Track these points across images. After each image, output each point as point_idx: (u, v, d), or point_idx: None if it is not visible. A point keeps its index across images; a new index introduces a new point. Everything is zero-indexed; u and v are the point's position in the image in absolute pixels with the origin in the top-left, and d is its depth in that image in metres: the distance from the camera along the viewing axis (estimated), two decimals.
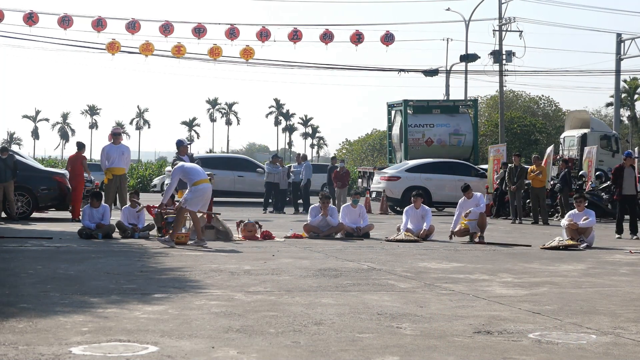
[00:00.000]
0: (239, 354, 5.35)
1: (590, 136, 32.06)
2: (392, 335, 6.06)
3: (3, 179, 18.33)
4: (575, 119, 34.91)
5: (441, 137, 31.98)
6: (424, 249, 13.28)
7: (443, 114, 32.88)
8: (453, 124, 32.44)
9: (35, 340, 5.58)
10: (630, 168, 16.84)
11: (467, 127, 32.62)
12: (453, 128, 32.32)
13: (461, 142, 32.07)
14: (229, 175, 28.91)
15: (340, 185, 26.09)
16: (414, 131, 32.25)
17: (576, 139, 32.71)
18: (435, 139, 31.91)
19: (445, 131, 32.23)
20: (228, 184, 28.61)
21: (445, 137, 31.99)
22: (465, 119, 32.99)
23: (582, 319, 6.91)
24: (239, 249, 12.50)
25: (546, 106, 69.39)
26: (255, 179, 28.96)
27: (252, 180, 29.12)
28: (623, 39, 42.21)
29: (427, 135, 32.12)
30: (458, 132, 32.25)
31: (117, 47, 28.05)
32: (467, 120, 32.96)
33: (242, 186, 29.27)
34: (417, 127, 32.29)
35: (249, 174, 29.49)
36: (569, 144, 33.43)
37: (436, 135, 32.10)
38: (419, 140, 32.07)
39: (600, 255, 12.70)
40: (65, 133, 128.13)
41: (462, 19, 47.33)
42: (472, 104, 35.65)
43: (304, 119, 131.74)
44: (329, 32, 28.43)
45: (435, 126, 32.31)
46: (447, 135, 32.10)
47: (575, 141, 32.85)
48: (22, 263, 10.22)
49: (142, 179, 49.08)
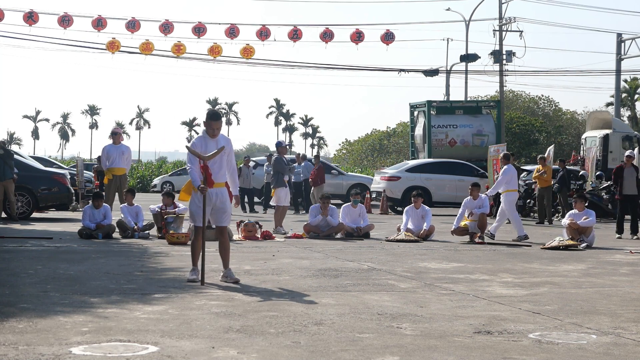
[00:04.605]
0: (239, 354, 5.35)
1: (612, 137, 32.00)
2: (392, 335, 6.06)
3: (2, 177, 18.29)
4: (596, 119, 34.84)
5: (464, 137, 32.06)
6: (424, 249, 13.27)
7: (466, 115, 33.17)
8: (476, 124, 32.68)
9: (35, 340, 5.58)
10: (631, 168, 16.84)
11: (490, 127, 32.87)
12: (476, 129, 32.53)
13: (484, 142, 32.23)
14: None
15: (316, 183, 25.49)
16: (437, 132, 32.48)
17: (598, 140, 32.67)
18: (458, 139, 31.97)
19: (468, 132, 32.41)
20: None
21: (468, 137, 32.06)
22: (488, 120, 33.28)
23: (583, 319, 6.90)
24: (239, 249, 12.50)
25: (546, 106, 69.39)
26: (328, 181, 29.20)
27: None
28: (623, 39, 42.18)
29: (451, 135, 32.29)
30: (481, 133, 32.43)
31: (117, 46, 28.05)
32: (489, 121, 33.25)
33: None
34: (441, 127, 32.54)
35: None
36: (591, 144, 33.41)
37: (459, 135, 32.24)
38: (442, 141, 32.23)
39: (601, 255, 12.69)
40: (66, 133, 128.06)
41: (462, 19, 47.30)
42: (494, 105, 35.92)
43: (304, 119, 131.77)
44: (329, 31, 28.43)
45: (458, 127, 32.55)
46: (470, 135, 32.22)
47: (597, 141, 32.82)
48: (22, 263, 10.22)
49: (142, 179, 49.06)
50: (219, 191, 8.82)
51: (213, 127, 8.77)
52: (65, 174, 21.01)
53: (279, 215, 16.51)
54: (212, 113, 8.90)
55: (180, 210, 14.71)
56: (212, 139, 8.80)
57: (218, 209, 8.83)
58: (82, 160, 28.10)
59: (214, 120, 8.80)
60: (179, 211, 14.65)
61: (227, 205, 8.90)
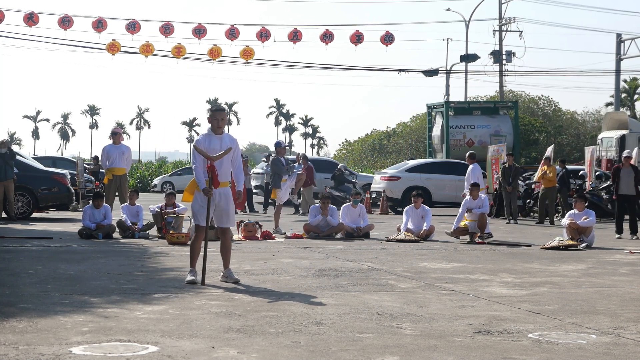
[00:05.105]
0: (239, 354, 5.35)
1: (629, 137, 32.03)
2: (392, 335, 6.06)
3: (3, 177, 18.29)
4: (612, 120, 34.86)
5: (482, 138, 32.16)
6: (424, 249, 13.28)
7: (483, 115, 33.42)
8: (494, 125, 32.87)
9: (35, 340, 5.59)
10: (628, 168, 16.83)
11: (508, 128, 33.03)
12: (494, 129, 32.71)
13: (502, 142, 32.34)
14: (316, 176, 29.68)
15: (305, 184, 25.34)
16: (455, 132, 32.68)
17: (614, 140, 32.70)
18: (476, 140, 32.09)
19: (486, 132, 32.56)
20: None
21: (486, 138, 32.16)
22: (506, 120, 33.45)
23: (582, 319, 6.91)
24: (239, 249, 12.49)
25: (546, 106, 69.38)
26: None
27: None
28: (623, 39, 42.20)
29: (469, 136, 32.43)
30: (499, 133, 32.58)
31: (117, 47, 28.05)
32: (507, 122, 33.42)
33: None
34: (458, 128, 32.78)
35: None
36: (607, 145, 33.42)
37: (477, 136, 32.36)
38: (460, 142, 32.36)
39: (600, 255, 12.70)
40: (66, 133, 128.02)
41: (462, 19, 47.32)
42: (512, 106, 36.08)
43: (304, 119, 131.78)
44: (329, 32, 28.44)
45: (476, 127, 32.78)
46: (488, 136, 32.36)
47: (613, 142, 32.83)
48: (22, 263, 10.22)
49: (142, 179, 49.06)
50: (223, 191, 8.80)
51: (217, 117, 8.70)
52: (66, 174, 21.00)
53: (278, 215, 16.53)
54: (217, 106, 8.97)
55: (180, 210, 14.72)
56: (217, 136, 8.74)
57: (221, 209, 8.81)
58: (83, 160, 28.08)
59: (219, 111, 8.77)
60: (179, 211, 14.66)
61: (231, 206, 8.88)
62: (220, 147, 8.68)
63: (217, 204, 8.76)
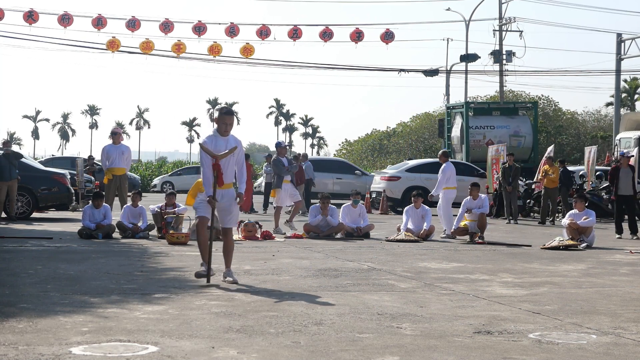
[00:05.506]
0: (239, 354, 5.35)
1: None
2: (392, 335, 6.06)
3: (7, 177, 18.28)
4: (630, 120, 34.86)
5: (501, 138, 32.24)
6: (424, 249, 13.27)
7: (503, 116, 33.71)
8: (513, 125, 33.09)
9: (35, 340, 5.58)
10: (627, 168, 16.82)
11: (527, 128, 33.20)
12: (513, 130, 32.90)
13: (521, 143, 32.47)
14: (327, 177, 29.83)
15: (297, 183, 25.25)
16: (474, 133, 32.88)
17: (633, 141, 32.67)
18: (495, 140, 32.14)
19: (505, 132, 32.71)
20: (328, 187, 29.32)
21: (505, 138, 32.25)
22: (525, 121, 33.66)
23: (582, 319, 6.90)
24: (239, 249, 12.49)
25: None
26: (352, 181, 29.97)
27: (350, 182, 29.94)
28: (623, 39, 42.14)
29: (488, 136, 32.56)
30: (518, 134, 32.75)
31: (117, 45, 28.07)
32: (526, 122, 33.63)
33: (340, 188, 30.11)
34: (478, 128, 33.01)
35: (346, 176, 30.57)
36: (626, 145, 33.43)
37: (496, 136, 32.49)
38: (480, 142, 32.49)
39: (601, 255, 12.69)
40: (66, 133, 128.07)
41: (462, 19, 47.28)
42: (531, 107, 36.26)
43: (304, 119, 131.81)
44: (329, 30, 28.46)
45: (495, 128, 33.03)
46: (508, 136, 32.52)
47: (631, 142, 32.82)
48: (22, 263, 10.22)
49: (142, 179, 49.06)
50: (226, 192, 8.81)
51: (226, 121, 8.75)
52: (66, 174, 21.01)
53: (278, 215, 16.52)
54: (226, 109, 8.96)
55: (180, 210, 14.71)
56: (223, 138, 8.77)
57: (224, 209, 8.83)
58: (83, 160, 28.08)
59: (228, 115, 8.82)
60: (179, 211, 14.66)
61: (234, 207, 8.89)
62: (225, 149, 8.72)
63: (220, 204, 8.77)
